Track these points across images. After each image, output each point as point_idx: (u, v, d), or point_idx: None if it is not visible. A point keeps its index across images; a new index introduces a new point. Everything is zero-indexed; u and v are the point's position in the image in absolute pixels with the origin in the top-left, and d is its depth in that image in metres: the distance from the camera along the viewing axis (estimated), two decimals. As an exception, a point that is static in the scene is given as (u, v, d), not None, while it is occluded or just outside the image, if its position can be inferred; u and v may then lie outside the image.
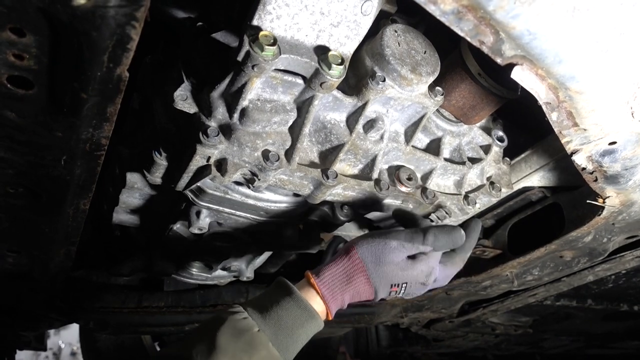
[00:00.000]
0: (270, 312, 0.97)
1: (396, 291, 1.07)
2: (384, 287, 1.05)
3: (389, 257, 1.04)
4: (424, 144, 1.23)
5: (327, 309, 1.03)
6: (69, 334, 6.10)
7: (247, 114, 0.97)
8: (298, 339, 0.98)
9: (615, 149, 1.02)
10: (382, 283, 1.04)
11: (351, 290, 1.04)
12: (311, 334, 1.02)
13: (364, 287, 1.04)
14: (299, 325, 0.98)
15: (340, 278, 1.03)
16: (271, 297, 1.01)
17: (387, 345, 3.16)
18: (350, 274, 1.03)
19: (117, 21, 0.62)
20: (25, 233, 1.16)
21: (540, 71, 0.84)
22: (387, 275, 1.04)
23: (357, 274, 1.03)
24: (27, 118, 0.78)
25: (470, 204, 1.25)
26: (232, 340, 0.92)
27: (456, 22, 0.75)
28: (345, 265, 1.04)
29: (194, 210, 1.25)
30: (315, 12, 0.88)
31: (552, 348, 3.30)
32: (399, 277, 1.05)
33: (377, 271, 1.03)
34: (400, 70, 0.98)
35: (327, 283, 1.03)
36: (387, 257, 1.04)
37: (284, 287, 1.02)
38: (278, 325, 0.96)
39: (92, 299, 1.74)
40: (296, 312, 0.98)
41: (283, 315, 0.97)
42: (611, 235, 1.40)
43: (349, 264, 1.04)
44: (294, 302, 0.99)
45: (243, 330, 0.93)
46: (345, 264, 1.04)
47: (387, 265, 1.03)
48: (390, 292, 1.07)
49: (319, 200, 1.12)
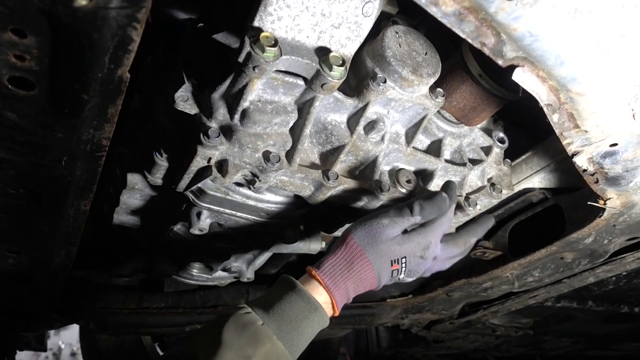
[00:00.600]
0: (274, 306, 0.97)
1: (397, 269, 1.06)
2: (385, 267, 1.05)
3: (384, 234, 1.04)
4: (424, 145, 1.23)
5: (331, 299, 1.02)
6: (69, 334, 6.10)
7: (248, 115, 0.97)
8: (303, 332, 0.98)
9: (616, 151, 1.02)
10: (382, 262, 1.04)
11: (354, 276, 1.03)
12: (317, 327, 1.01)
13: (366, 271, 1.03)
14: (302, 317, 0.97)
15: (340, 266, 1.03)
16: (275, 293, 1.01)
17: (388, 346, 3.16)
18: (350, 260, 1.03)
19: (119, 22, 0.62)
20: (26, 234, 1.16)
21: (542, 73, 0.84)
22: (385, 253, 1.04)
23: (356, 258, 1.03)
24: (28, 119, 0.78)
25: (471, 205, 1.25)
26: (236, 335, 0.91)
27: (457, 23, 0.75)
28: (343, 253, 1.04)
29: (194, 211, 1.25)
30: (317, 14, 0.88)
31: (553, 349, 3.30)
32: (397, 252, 1.05)
33: (375, 250, 1.03)
34: (401, 72, 0.98)
35: (328, 272, 1.02)
36: (382, 234, 1.04)
37: (287, 282, 1.02)
38: (282, 318, 0.96)
39: (93, 299, 1.74)
40: (299, 305, 0.98)
41: (286, 308, 0.97)
42: (612, 236, 1.40)
43: (347, 251, 1.04)
44: (297, 296, 0.99)
45: (247, 324, 0.93)
46: (343, 251, 1.04)
47: (383, 242, 1.03)
48: (392, 271, 1.06)
49: (320, 201, 1.12)
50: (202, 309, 1.85)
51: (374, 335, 3.22)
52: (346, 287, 1.03)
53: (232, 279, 1.74)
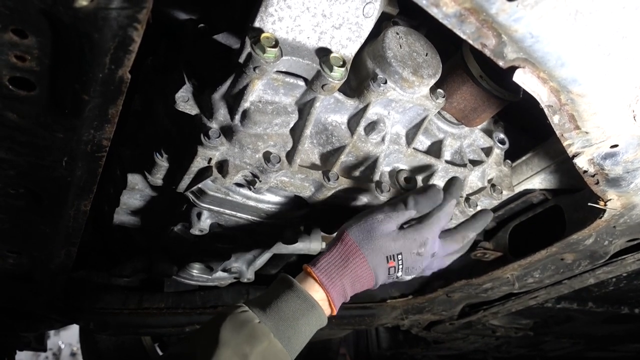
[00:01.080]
0: (271, 305, 0.97)
1: (394, 267, 1.06)
2: (381, 263, 1.04)
3: (379, 230, 1.04)
4: (425, 146, 1.23)
5: (328, 297, 1.02)
6: (69, 334, 6.09)
7: (248, 115, 0.97)
8: (300, 330, 0.98)
9: (617, 152, 1.02)
10: (378, 258, 1.04)
11: (350, 273, 1.03)
12: (314, 325, 1.01)
13: (362, 268, 1.03)
14: (299, 315, 0.98)
15: (336, 262, 1.03)
16: (272, 292, 1.01)
17: (388, 347, 3.16)
18: (345, 257, 1.03)
19: (119, 23, 0.62)
20: (26, 234, 1.16)
21: (542, 74, 0.84)
22: (380, 249, 1.03)
23: (352, 254, 1.03)
24: (29, 119, 0.78)
25: (471, 206, 1.25)
26: (234, 333, 0.92)
27: (458, 24, 0.75)
28: (339, 250, 1.04)
29: (194, 211, 1.25)
30: (317, 14, 0.88)
31: (553, 350, 3.30)
32: (392, 248, 1.04)
33: (371, 246, 1.03)
34: (401, 73, 0.98)
35: (324, 269, 1.02)
36: (377, 230, 1.04)
37: (284, 281, 1.02)
38: (278, 316, 0.96)
39: (93, 299, 1.74)
40: (296, 303, 0.98)
41: (283, 306, 0.97)
42: (612, 238, 1.40)
43: (343, 247, 1.04)
44: (293, 294, 0.99)
45: (244, 323, 0.93)
46: (339, 248, 1.04)
47: (378, 238, 1.03)
48: (389, 268, 1.05)
49: (320, 201, 1.12)
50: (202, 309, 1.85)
51: (374, 336, 3.22)
52: (342, 284, 1.03)
53: (232, 279, 1.74)
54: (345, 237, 1.04)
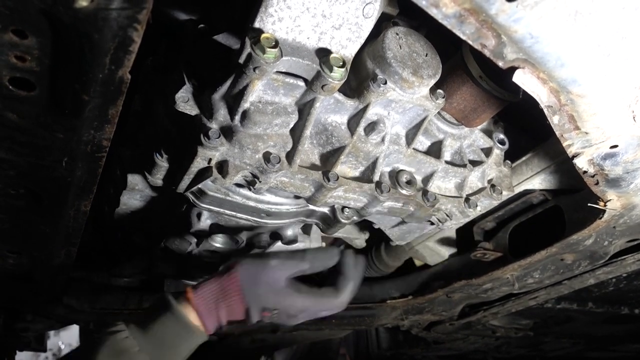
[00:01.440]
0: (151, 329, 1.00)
1: (268, 316, 1.09)
2: (256, 309, 1.07)
3: (267, 277, 1.07)
4: (425, 146, 1.23)
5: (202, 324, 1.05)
6: (69, 334, 6.09)
7: (248, 116, 0.97)
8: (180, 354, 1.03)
9: (617, 153, 1.02)
10: (255, 306, 1.07)
11: (225, 307, 1.06)
12: (194, 346, 1.05)
13: (237, 307, 1.07)
14: (179, 343, 1.02)
15: (215, 294, 1.06)
16: (153, 313, 1.04)
17: (388, 347, 3.16)
18: (225, 291, 1.06)
19: (119, 23, 0.62)
20: (26, 234, 1.16)
21: (542, 74, 0.84)
22: (260, 298, 1.07)
23: (232, 292, 1.06)
24: (29, 119, 0.78)
25: (471, 207, 1.25)
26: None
27: (458, 25, 0.75)
28: (222, 283, 1.07)
29: (194, 212, 1.25)
30: (317, 15, 0.88)
31: (553, 351, 3.29)
32: (271, 302, 1.07)
33: (252, 292, 1.06)
34: (401, 73, 0.98)
35: (203, 298, 1.06)
36: (265, 276, 1.07)
37: (165, 302, 1.05)
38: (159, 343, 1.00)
39: (93, 299, 1.74)
40: (176, 329, 1.01)
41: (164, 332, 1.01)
42: (612, 238, 1.40)
43: (226, 281, 1.07)
44: (174, 318, 1.02)
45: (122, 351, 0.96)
46: (223, 280, 1.07)
47: (263, 286, 1.06)
48: (262, 315, 1.09)
49: (320, 202, 1.12)
50: (202, 309, 1.85)
51: (374, 336, 3.21)
52: (218, 315, 1.07)
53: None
54: (232, 272, 1.07)
